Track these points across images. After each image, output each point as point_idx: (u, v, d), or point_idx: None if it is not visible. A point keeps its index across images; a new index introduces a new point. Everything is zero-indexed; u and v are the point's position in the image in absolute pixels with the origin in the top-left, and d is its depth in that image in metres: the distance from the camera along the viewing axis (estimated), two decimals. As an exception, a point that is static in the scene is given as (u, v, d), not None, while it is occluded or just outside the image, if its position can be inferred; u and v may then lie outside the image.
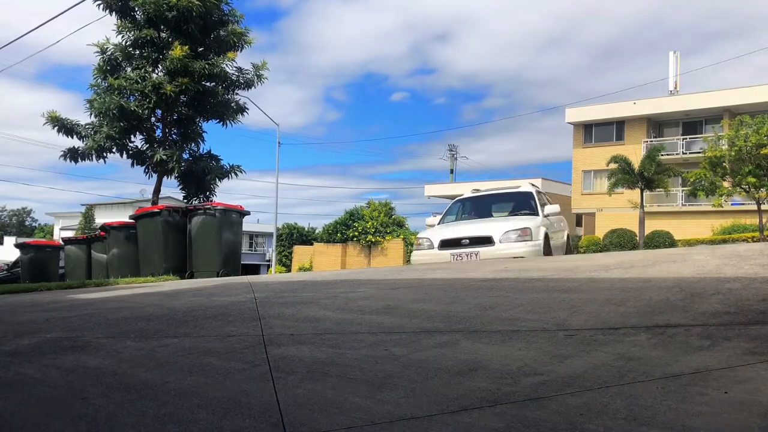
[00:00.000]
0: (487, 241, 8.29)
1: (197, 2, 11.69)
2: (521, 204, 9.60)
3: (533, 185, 10.55)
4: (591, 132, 34.86)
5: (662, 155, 27.11)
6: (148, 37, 12.10)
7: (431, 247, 8.60)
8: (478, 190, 11.09)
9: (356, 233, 34.18)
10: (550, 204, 10.10)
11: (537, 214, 9.10)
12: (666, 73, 33.62)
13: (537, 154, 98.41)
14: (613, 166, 26.22)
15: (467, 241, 8.38)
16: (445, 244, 8.50)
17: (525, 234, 8.28)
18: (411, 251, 30.93)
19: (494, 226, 8.59)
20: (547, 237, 8.73)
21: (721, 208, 25.31)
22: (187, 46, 11.83)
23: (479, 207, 10.17)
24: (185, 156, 13.05)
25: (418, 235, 9.19)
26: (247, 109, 13.54)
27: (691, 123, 32.40)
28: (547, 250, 8.70)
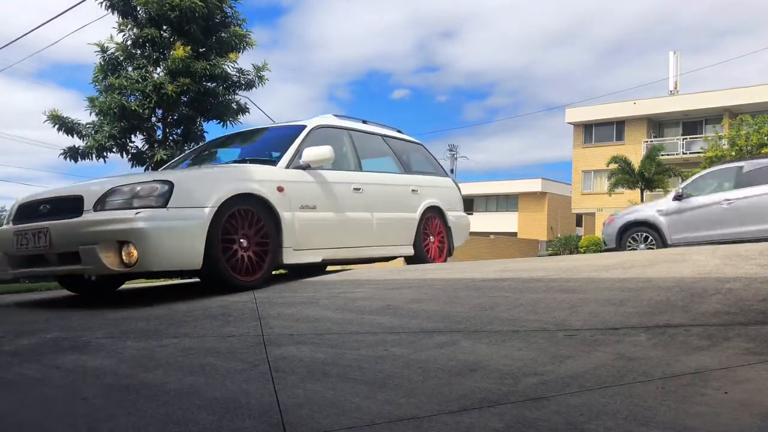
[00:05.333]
0: (72, 207, 4.31)
1: (200, 3, 11.70)
2: (278, 146, 5.50)
3: (336, 118, 6.41)
4: (591, 132, 34.91)
5: (662, 155, 27.17)
6: (150, 37, 12.11)
7: (9, 219, 4.92)
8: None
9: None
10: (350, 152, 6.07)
11: (274, 164, 5.18)
12: (668, 72, 33.64)
13: (540, 153, 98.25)
14: (613, 166, 26.28)
15: (47, 207, 4.52)
16: (23, 213, 4.73)
17: (150, 193, 4.20)
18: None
19: (105, 182, 4.50)
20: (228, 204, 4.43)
21: (721, 208, 25.30)
22: (188, 47, 11.84)
23: (228, 149, 6.36)
24: (185, 156, 13.05)
25: None
26: (248, 109, 13.56)
27: (691, 123, 32.43)
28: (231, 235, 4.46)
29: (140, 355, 2.69)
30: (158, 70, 12.47)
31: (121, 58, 12.60)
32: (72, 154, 12.74)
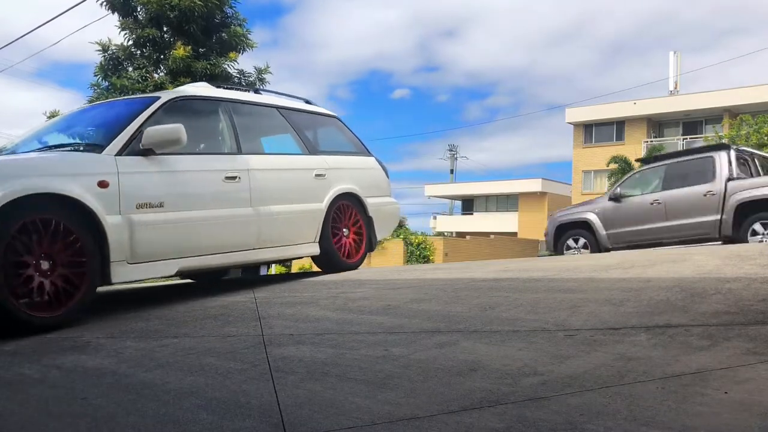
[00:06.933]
0: None
1: (199, 2, 11.73)
2: (119, 125, 4.12)
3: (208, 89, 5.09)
4: (591, 132, 34.88)
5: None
6: (150, 37, 12.13)
7: None
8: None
9: (356, 233, 34.09)
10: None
11: (99, 150, 3.87)
12: (668, 72, 33.64)
13: (540, 153, 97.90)
14: (613, 166, 26.25)
15: None
16: None
17: None
18: (410, 251, 29.67)
19: None
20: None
21: (721, 208, 25.30)
22: (189, 46, 11.87)
23: (61, 132, 4.80)
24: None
25: None
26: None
27: (691, 123, 32.40)
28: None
29: (140, 355, 2.69)
30: (159, 70, 12.49)
31: (122, 58, 12.63)
32: (72, 154, 12.74)
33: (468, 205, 45.45)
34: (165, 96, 4.47)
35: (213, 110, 4.88)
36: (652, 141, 31.76)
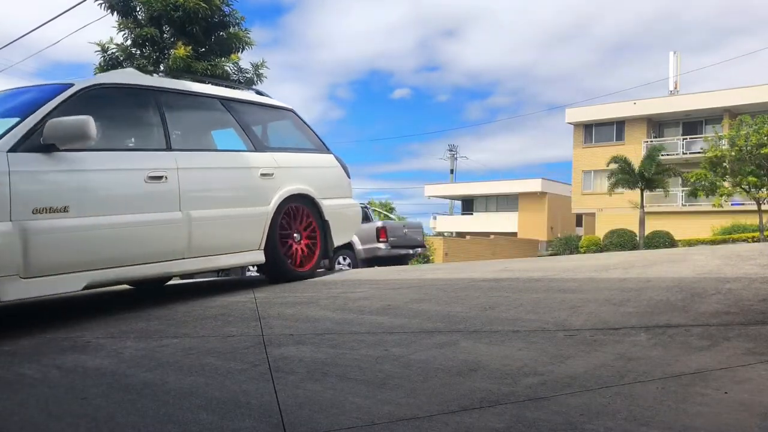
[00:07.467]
0: None
1: (204, 5, 11.75)
2: (12, 113, 3.74)
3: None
4: (591, 132, 34.90)
5: (662, 155, 27.17)
6: (149, 36, 12.13)
7: None
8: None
9: (356, 233, 34.07)
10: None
11: None
12: (668, 72, 33.65)
13: (541, 153, 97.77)
14: (613, 166, 26.28)
15: None
16: None
17: None
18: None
19: None
20: None
21: (721, 209, 25.36)
22: (189, 47, 11.87)
23: None
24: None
25: None
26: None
27: (691, 123, 32.42)
28: None
29: (140, 355, 2.69)
30: (158, 70, 12.48)
31: (122, 58, 12.62)
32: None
33: (468, 205, 45.46)
34: (79, 84, 3.88)
35: (139, 101, 4.30)
36: (652, 141, 31.77)
